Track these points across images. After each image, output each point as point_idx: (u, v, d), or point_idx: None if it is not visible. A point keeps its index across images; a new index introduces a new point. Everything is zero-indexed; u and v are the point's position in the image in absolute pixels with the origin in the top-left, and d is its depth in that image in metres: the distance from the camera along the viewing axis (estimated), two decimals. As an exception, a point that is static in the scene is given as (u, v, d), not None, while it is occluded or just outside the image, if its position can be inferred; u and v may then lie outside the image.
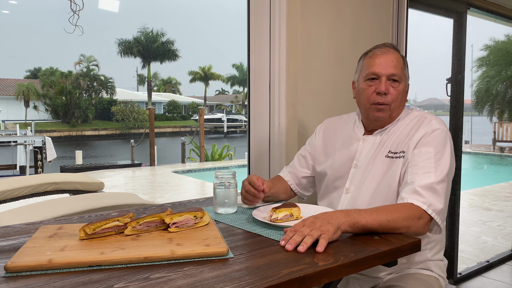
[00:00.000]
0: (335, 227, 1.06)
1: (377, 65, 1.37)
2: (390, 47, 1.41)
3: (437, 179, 1.23)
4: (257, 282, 0.82)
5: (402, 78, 1.38)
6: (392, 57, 1.38)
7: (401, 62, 1.39)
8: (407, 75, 1.43)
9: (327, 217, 1.08)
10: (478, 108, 20.34)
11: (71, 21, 2.33)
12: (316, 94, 1.99)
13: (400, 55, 1.41)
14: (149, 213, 1.14)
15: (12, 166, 9.65)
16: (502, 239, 4.21)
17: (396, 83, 1.37)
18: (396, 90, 1.37)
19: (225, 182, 1.36)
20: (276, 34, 1.91)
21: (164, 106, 40.23)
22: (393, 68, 1.36)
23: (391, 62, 1.37)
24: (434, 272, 1.40)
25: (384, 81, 1.36)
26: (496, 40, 19.55)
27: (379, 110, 1.38)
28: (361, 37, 2.14)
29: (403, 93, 1.40)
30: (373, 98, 1.38)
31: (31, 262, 0.88)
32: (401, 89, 1.38)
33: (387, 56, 1.38)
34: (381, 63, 1.37)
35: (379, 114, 1.39)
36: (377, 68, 1.37)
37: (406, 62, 1.43)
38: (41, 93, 31.45)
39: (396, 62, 1.37)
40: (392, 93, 1.36)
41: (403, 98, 1.42)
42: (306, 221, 1.08)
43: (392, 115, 1.40)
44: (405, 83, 1.41)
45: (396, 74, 1.36)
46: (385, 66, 1.36)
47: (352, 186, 1.41)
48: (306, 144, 1.65)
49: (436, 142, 1.29)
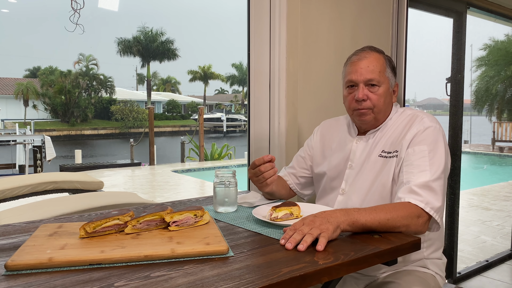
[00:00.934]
0: (335, 226, 1.06)
1: (353, 72, 1.38)
2: (368, 50, 1.40)
3: (433, 177, 1.23)
4: (257, 281, 0.82)
5: (382, 81, 1.37)
6: (369, 62, 1.37)
7: (380, 65, 1.38)
8: (390, 76, 1.41)
9: (327, 216, 1.08)
10: (478, 108, 20.35)
11: (72, 19, 2.33)
12: (316, 94, 1.99)
13: (381, 56, 1.39)
14: (149, 211, 1.14)
15: (12, 165, 9.65)
16: (501, 238, 4.21)
17: (375, 87, 1.36)
18: (376, 94, 1.36)
19: (225, 181, 1.36)
20: (276, 33, 1.91)
21: (164, 105, 40.23)
22: (369, 73, 1.35)
23: (367, 67, 1.36)
24: (430, 269, 1.41)
25: (361, 87, 1.36)
26: (496, 40, 19.56)
27: (361, 115, 1.39)
28: (361, 37, 2.14)
29: (385, 95, 1.38)
30: (353, 105, 1.40)
31: (32, 260, 0.88)
32: (381, 92, 1.37)
33: (363, 62, 1.37)
34: (357, 70, 1.37)
35: (362, 118, 1.40)
36: (353, 75, 1.37)
37: (388, 63, 1.41)
38: (41, 92, 31.43)
39: (373, 67, 1.36)
40: (372, 98, 1.36)
41: (387, 100, 1.40)
42: (305, 219, 1.08)
43: (377, 118, 1.40)
44: (387, 85, 1.39)
45: (373, 78, 1.35)
46: (360, 73, 1.36)
47: (347, 187, 1.42)
48: (304, 145, 1.65)
49: (429, 140, 1.29)
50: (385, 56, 1.42)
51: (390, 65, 1.42)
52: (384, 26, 2.27)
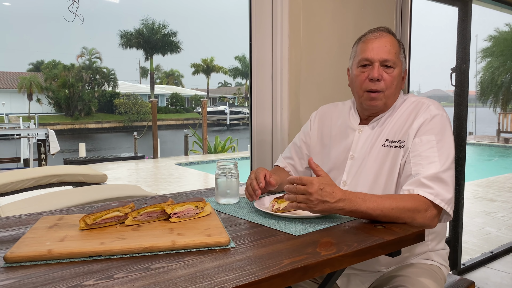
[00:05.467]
0: (329, 211, 1.10)
1: (369, 50, 1.32)
2: (384, 31, 1.35)
3: (443, 167, 1.20)
4: (258, 272, 0.81)
5: (397, 63, 1.33)
6: (386, 41, 1.32)
7: (395, 46, 1.34)
8: (403, 60, 1.37)
9: (331, 197, 1.08)
10: (482, 99, 20.21)
11: (70, 9, 2.31)
12: (319, 84, 1.97)
13: (395, 39, 1.36)
14: (150, 203, 1.13)
15: (16, 159, 9.70)
16: (506, 230, 4.20)
17: (390, 69, 1.32)
18: (390, 76, 1.31)
19: (226, 172, 1.35)
20: (279, 23, 1.88)
21: (167, 98, 40.22)
22: (386, 53, 1.31)
23: (384, 47, 1.31)
24: (435, 261, 1.39)
25: (377, 67, 1.31)
26: (501, 31, 19.36)
27: (372, 99, 1.33)
28: (364, 26, 2.11)
29: (398, 79, 1.34)
30: (366, 85, 1.33)
31: (31, 252, 0.88)
32: (395, 74, 1.32)
33: (380, 41, 1.32)
34: (374, 48, 1.32)
35: (372, 103, 1.34)
36: (369, 53, 1.32)
37: (402, 47, 1.37)
38: (44, 86, 31.49)
39: (390, 47, 1.32)
40: (386, 79, 1.31)
41: (398, 84, 1.36)
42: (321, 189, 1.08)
43: (387, 103, 1.35)
44: (400, 68, 1.35)
45: (389, 59, 1.31)
46: (377, 52, 1.31)
47: (349, 178, 1.37)
48: (300, 133, 1.59)
49: (437, 129, 1.25)
50: (399, 40, 1.38)
51: (403, 49, 1.38)
52: (388, 15, 2.24)
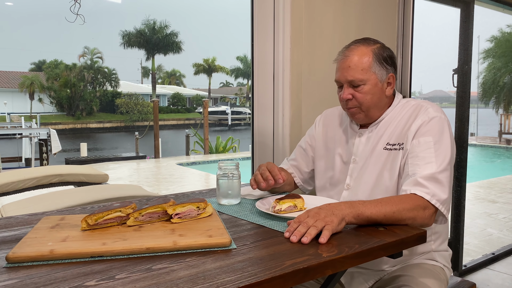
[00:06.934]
0: (340, 218, 1.04)
1: (338, 72, 1.36)
2: (354, 46, 1.34)
3: (439, 168, 1.21)
4: (260, 273, 0.81)
5: (366, 79, 1.31)
6: (350, 61, 1.32)
7: (363, 62, 1.30)
8: (377, 71, 1.32)
9: (332, 208, 1.07)
10: (484, 100, 20.16)
11: (72, 10, 2.31)
12: (321, 85, 1.96)
13: (366, 52, 1.32)
14: (152, 204, 1.13)
15: (18, 159, 9.70)
16: (507, 231, 4.19)
17: (359, 87, 1.32)
18: (360, 93, 1.32)
19: (228, 173, 1.35)
20: (280, 23, 1.88)
21: (168, 98, 40.24)
22: (350, 75, 1.31)
23: (348, 68, 1.32)
24: (439, 262, 1.40)
25: (345, 88, 1.34)
26: (503, 32, 19.32)
27: (352, 114, 1.39)
28: (366, 27, 2.11)
29: (372, 92, 1.33)
30: (343, 103, 1.39)
31: (33, 252, 0.88)
32: (366, 90, 1.32)
33: (345, 61, 1.33)
34: (339, 70, 1.35)
35: (354, 118, 1.40)
36: (337, 75, 1.36)
37: (377, 57, 1.32)
38: (46, 86, 31.53)
39: (354, 66, 1.31)
40: (357, 97, 1.33)
41: (376, 96, 1.33)
42: (310, 212, 1.07)
43: (368, 115, 1.36)
44: (374, 81, 1.32)
45: (354, 79, 1.31)
46: (342, 73, 1.34)
47: (352, 182, 1.40)
48: (306, 135, 1.62)
49: (434, 130, 1.26)
50: (375, 48, 1.33)
51: (379, 58, 1.32)
52: (390, 17, 2.23)
